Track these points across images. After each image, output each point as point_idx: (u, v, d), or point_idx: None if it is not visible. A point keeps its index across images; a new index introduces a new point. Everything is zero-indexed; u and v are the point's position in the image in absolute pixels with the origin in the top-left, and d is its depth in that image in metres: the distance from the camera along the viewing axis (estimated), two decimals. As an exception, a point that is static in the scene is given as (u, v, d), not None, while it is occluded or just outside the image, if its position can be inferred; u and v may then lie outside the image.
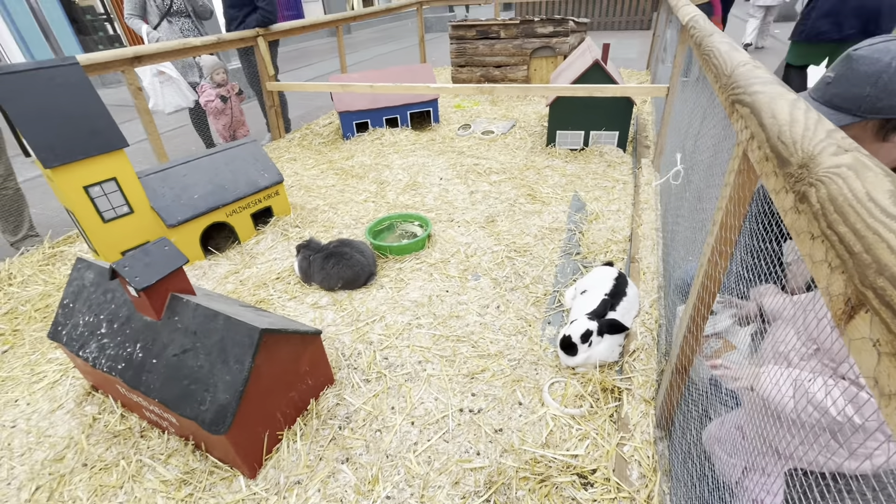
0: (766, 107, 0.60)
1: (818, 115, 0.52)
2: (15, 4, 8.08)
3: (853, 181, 0.37)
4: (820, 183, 0.40)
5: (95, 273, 1.35)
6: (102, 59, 2.44)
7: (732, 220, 0.76)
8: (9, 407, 1.48)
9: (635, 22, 10.34)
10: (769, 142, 0.54)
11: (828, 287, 0.37)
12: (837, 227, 0.35)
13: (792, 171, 0.46)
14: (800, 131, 0.49)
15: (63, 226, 2.90)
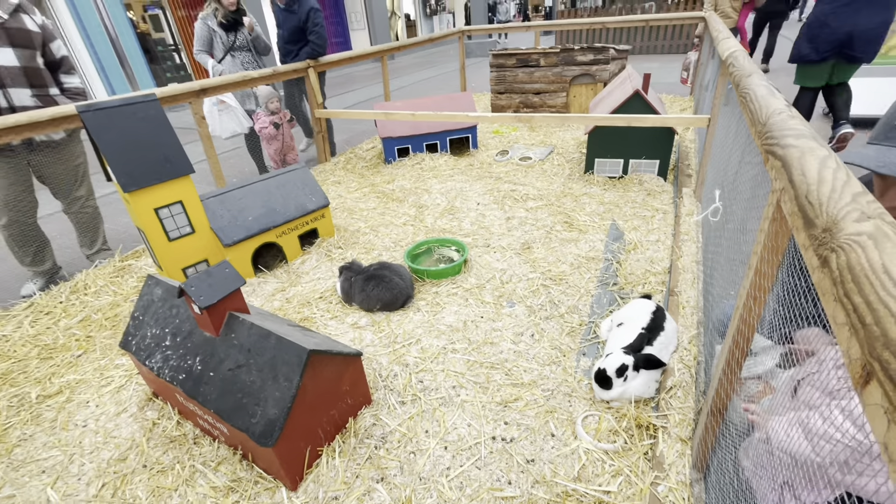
0: (796, 162, 0.62)
1: (847, 175, 0.55)
2: (98, 37, 8.96)
3: (871, 251, 0.40)
4: (840, 249, 0.43)
5: (163, 289, 1.49)
6: (174, 91, 2.70)
7: (767, 268, 0.77)
8: (81, 407, 1.63)
9: (679, 45, 10.22)
10: (797, 200, 0.56)
11: (848, 350, 0.40)
12: (853, 296, 0.38)
13: (816, 233, 0.49)
14: (826, 192, 0.52)
15: (131, 241, 3.16)
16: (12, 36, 2.22)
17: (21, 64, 2.24)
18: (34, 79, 2.31)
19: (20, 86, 2.26)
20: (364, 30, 18.06)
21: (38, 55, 2.33)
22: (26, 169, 2.43)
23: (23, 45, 2.25)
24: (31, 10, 2.35)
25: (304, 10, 3.85)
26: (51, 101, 2.37)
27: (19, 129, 2.09)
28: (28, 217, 2.50)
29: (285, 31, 3.96)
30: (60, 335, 2.03)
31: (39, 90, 2.34)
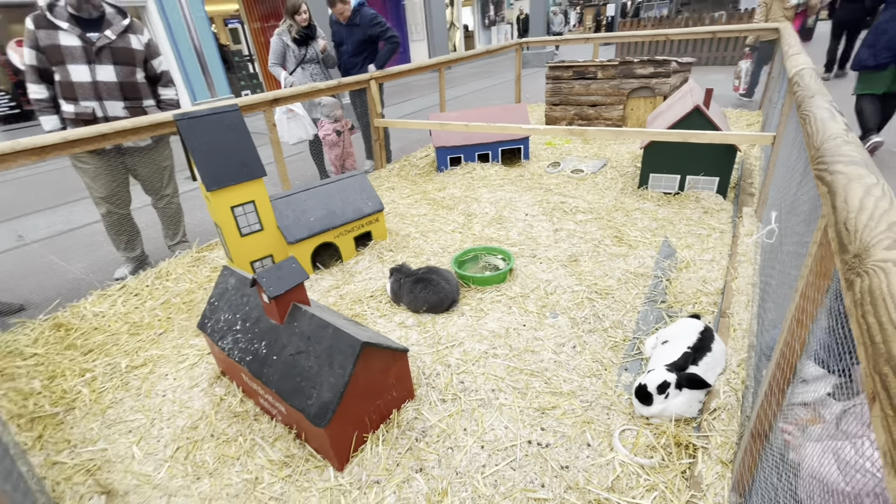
0: (840, 189, 0.64)
1: (891, 203, 0.57)
2: (186, 49, 9.85)
3: (893, 276, 0.43)
4: (865, 274, 0.46)
5: (237, 279, 1.66)
6: (252, 101, 2.97)
7: (812, 292, 0.78)
8: (161, 379, 1.85)
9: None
10: (836, 226, 0.59)
11: (865, 367, 0.43)
12: (868, 317, 0.42)
13: (848, 258, 0.51)
14: (864, 220, 0.54)
15: (206, 235, 3.48)
16: (116, 54, 2.56)
17: (118, 79, 2.58)
18: (129, 92, 2.64)
19: (115, 99, 2.60)
20: (423, 41, 18.55)
21: (137, 71, 2.66)
22: (122, 168, 2.78)
23: (124, 62, 2.59)
24: (140, 31, 2.69)
25: (366, 19, 4.13)
26: (140, 112, 2.70)
27: (111, 136, 2.40)
28: (123, 209, 2.86)
29: (350, 45, 4.23)
30: (146, 315, 2.29)
31: (132, 103, 2.67)
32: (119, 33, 2.56)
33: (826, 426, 0.97)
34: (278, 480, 1.35)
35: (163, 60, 2.76)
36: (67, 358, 2.00)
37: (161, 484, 1.39)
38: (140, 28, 2.69)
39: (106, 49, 2.52)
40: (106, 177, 2.71)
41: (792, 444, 0.85)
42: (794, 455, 0.83)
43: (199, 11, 9.77)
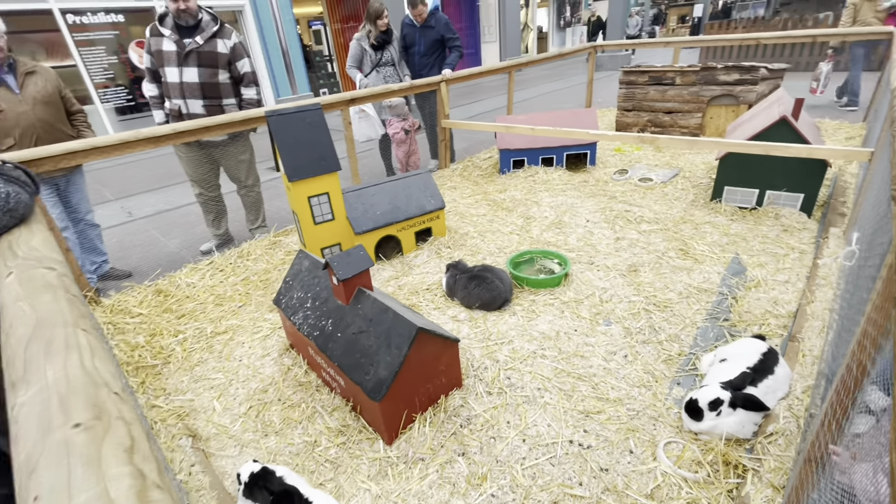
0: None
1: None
2: (274, 50, 10.61)
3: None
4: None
5: (310, 262, 1.84)
6: (330, 100, 3.20)
7: (879, 316, 0.75)
8: (238, 346, 2.08)
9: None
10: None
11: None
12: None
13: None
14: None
15: (283, 221, 3.79)
16: (201, 58, 2.88)
17: (200, 80, 2.90)
18: (208, 92, 2.96)
19: (195, 97, 2.94)
20: (495, 42, 18.54)
21: (220, 72, 2.97)
22: (208, 158, 3.16)
23: (208, 65, 2.91)
24: (227, 35, 3.00)
25: (441, 23, 4.28)
26: (218, 110, 3.02)
27: (193, 133, 2.70)
28: (211, 191, 3.24)
29: (422, 46, 4.39)
30: (228, 289, 2.57)
31: (211, 101, 2.99)
32: (207, 38, 2.89)
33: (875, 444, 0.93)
34: (334, 446, 1.49)
35: (247, 62, 3.05)
36: (165, 320, 2.31)
37: (235, 435, 1.58)
38: (228, 33, 2.99)
39: (193, 53, 2.86)
40: (196, 164, 3.11)
41: (838, 465, 0.82)
42: (841, 477, 0.80)
43: (288, 15, 10.50)
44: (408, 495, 1.32)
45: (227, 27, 3.03)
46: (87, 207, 3.06)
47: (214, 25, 2.94)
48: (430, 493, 1.32)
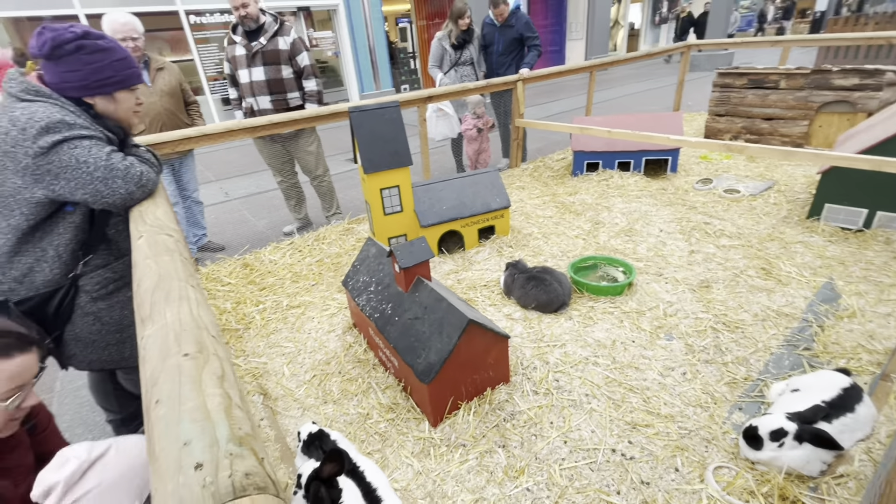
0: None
1: None
2: (362, 46, 11.16)
3: None
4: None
5: (377, 249, 1.97)
6: (409, 97, 3.35)
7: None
8: (308, 321, 2.28)
9: None
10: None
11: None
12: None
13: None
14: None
15: (357, 210, 4.04)
16: (265, 57, 3.15)
17: (266, 78, 3.17)
18: (273, 88, 3.21)
19: (263, 94, 3.22)
20: (581, 39, 17.94)
21: (283, 68, 3.21)
22: (282, 150, 3.47)
23: (271, 62, 3.16)
24: (287, 32, 3.23)
25: (522, 21, 4.29)
26: (283, 104, 3.27)
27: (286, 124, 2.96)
28: (289, 179, 3.59)
29: (501, 45, 4.42)
30: (304, 268, 2.81)
31: (277, 97, 3.25)
32: (269, 38, 3.15)
33: None
34: (384, 420, 1.60)
35: (305, 56, 3.27)
36: (248, 290, 2.59)
37: (299, 399, 1.76)
38: (287, 30, 3.23)
39: (259, 53, 3.13)
40: (272, 156, 3.46)
41: None
42: None
43: (377, 13, 10.99)
44: (447, 476, 1.39)
45: (287, 25, 3.27)
46: (194, 186, 3.49)
47: (275, 25, 3.20)
48: (468, 478, 1.38)
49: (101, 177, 1.39)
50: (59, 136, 1.33)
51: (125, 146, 1.60)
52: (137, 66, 1.55)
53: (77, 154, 1.35)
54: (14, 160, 1.33)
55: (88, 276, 1.54)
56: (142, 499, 0.96)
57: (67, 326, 1.54)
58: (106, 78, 1.44)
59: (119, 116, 1.55)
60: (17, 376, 1.04)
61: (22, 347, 1.07)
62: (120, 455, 0.93)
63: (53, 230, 1.45)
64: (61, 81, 1.41)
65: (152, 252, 0.86)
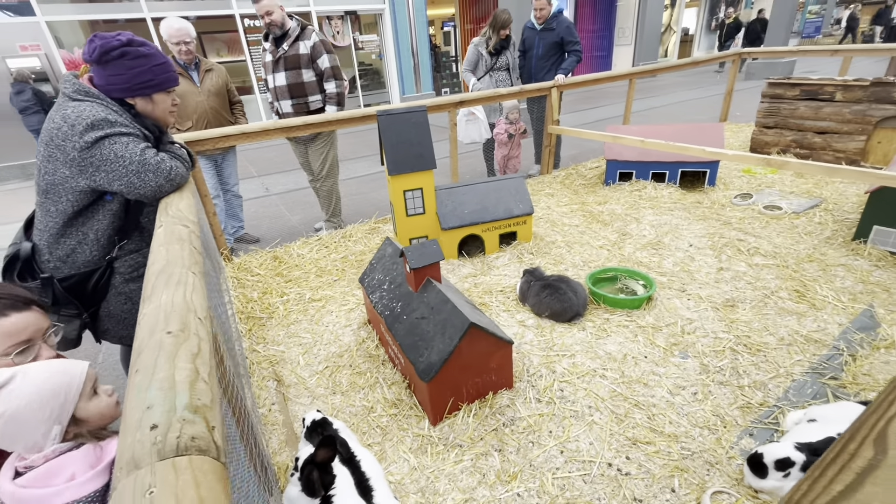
0: None
1: None
2: (405, 50, 11.36)
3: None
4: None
5: (392, 249, 2.03)
6: (440, 102, 3.40)
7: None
8: (327, 314, 2.37)
9: None
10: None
11: None
12: None
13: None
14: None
15: (383, 210, 4.14)
16: (287, 61, 3.25)
17: (287, 83, 3.27)
18: (294, 91, 3.32)
19: (285, 98, 3.33)
20: (630, 45, 17.48)
21: (304, 72, 3.30)
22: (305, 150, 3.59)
23: (292, 67, 3.26)
24: (308, 37, 3.31)
25: (563, 25, 4.25)
26: (304, 107, 3.38)
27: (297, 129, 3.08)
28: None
29: (540, 49, 4.40)
30: (329, 264, 2.92)
31: (298, 100, 3.35)
32: (291, 43, 3.25)
33: None
34: (386, 415, 1.65)
35: (326, 59, 3.33)
36: (275, 282, 2.72)
37: (310, 388, 1.84)
38: (309, 34, 3.32)
39: (281, 59, 3.25)
40: (299, 156, 3.60)
41: None
42: None
43: (422, 17, 11.16)
44: (440, 474, 1.42)
45: (309, 29, 3.34)
46: (235, 180, 3.70)
47: (297, 30, 3.30)
48: (461, 478, 1.40)
49: (135, 170, 1.53)
50: (101, 132, 1.48)
51: (161, 142, 1.74)
52: (174, 71, 1.69)
53: (116, 149, 1.50)
54: (63, 153, 1.49)
55: (122, 260, 1.69)
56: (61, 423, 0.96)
57: (102, 304, 1.69)
58: (146, 81, 1.59)
59: (156, 116, 1.70)
60: (17, 333, 1.15)
61: (17, 307, 1.18)
62: (27, 382, 0.95)
63: (94, 216, 1.61)
64: (107, 84, 1.57)
65: (166, 240, 0.96)
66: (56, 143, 1.49)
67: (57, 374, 0.97)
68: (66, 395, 0.97)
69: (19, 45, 7.44)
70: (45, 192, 1.58)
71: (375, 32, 11.39)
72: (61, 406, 0.96)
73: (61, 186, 1.54)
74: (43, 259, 1.63)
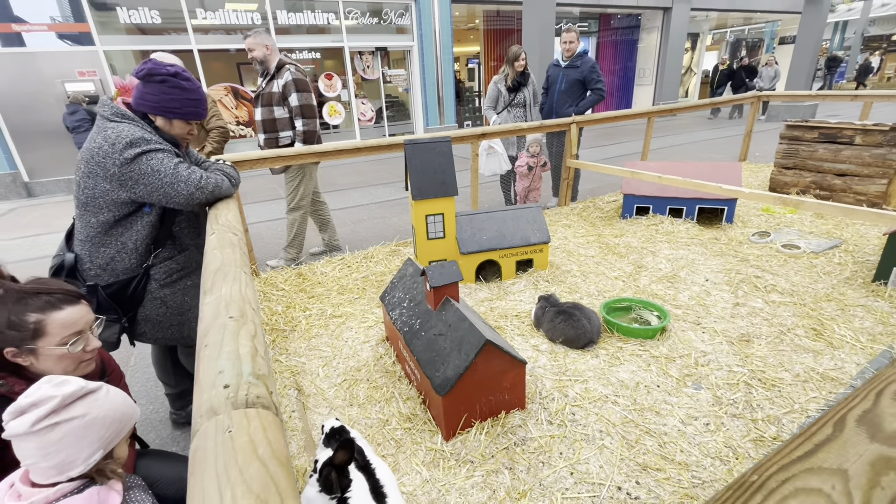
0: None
1: None
2: (430, 84, 11.80)
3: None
4: None
5: (413, 269, 2.13)
6: (463, 134, 3.57)
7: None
8: (347, 330, 2.46)
9: None
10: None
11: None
12: None
13: None
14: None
15: (405, 234, 4.27)
16: (263, 98, 3.49)
17: (262, 118, 3.50)
18: (267, 127, 3.54)
19: (261, 132, 3.56)
20: (650, 85, 17.81)
21: (275, 109, 3.50)
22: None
23: (266, 103, 3.49)
24: (281, 76, 3.51)
25: (588, 64, 4.45)
26: (273, 142, 3.60)
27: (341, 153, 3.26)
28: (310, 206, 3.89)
29: (564, 85, 4.59)
30: (350, 282, 3.02)
31: (269, 135, 3.57)
32: (267, 80, 3.49)
33: None
34: (401, 428, 1.71)
35: (295, 97, 3.51)
36: (298, 297, 2.83)
37: (329, 399, 1.91)
38: (283, 73, 3.52)
39: (260, 95, 3.48)
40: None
41: None
42: None
43: (448, 54, 11.66)
44: (451, 488, 1.46)
45: (285, 67, 3.53)
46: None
47: (275, 68, 3.52)
48: (472, 493, 1.44)
49: (169, 182, 1.72)
50: (139, 149, 1.68)
51: (180, 156, 1.94)
52: (202, 109, 1.94)
53: (153, 164, 1.69)
54: (104, 169, 1.69)
55: (157, 267, 1.86)
56: (105, 449, 1.02)
57: (140, 308, 1.83)
58: (170, 107, 1.82)
59: (172, 134, 1.92)
60: (72, 324, 1.28)
61: (69, 300, 1.31)
62: (108, 399, 1.03)
63: (133, 227, 1.79)
64: (139, 98, 1.79)
65: (219, 245, 1.10)
66: (97, 161, 1.68)
67: (128, 404, 1.08)
68: (124, 425, 1.07)
69: (77, 70, 8.07)
70: (85, 205, 1.77)
71: (403, 67, 11.94)
72: (117, 433, 1.06)
73: (101, 199, 1.73)
74: (84, 267, 1.79)
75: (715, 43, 22.19)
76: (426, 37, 11.17)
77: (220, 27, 9.41)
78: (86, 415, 0.98)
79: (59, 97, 7.94)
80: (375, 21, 11.05)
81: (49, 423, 0.95)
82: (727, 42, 22.11)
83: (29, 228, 6.37)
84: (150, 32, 9.03)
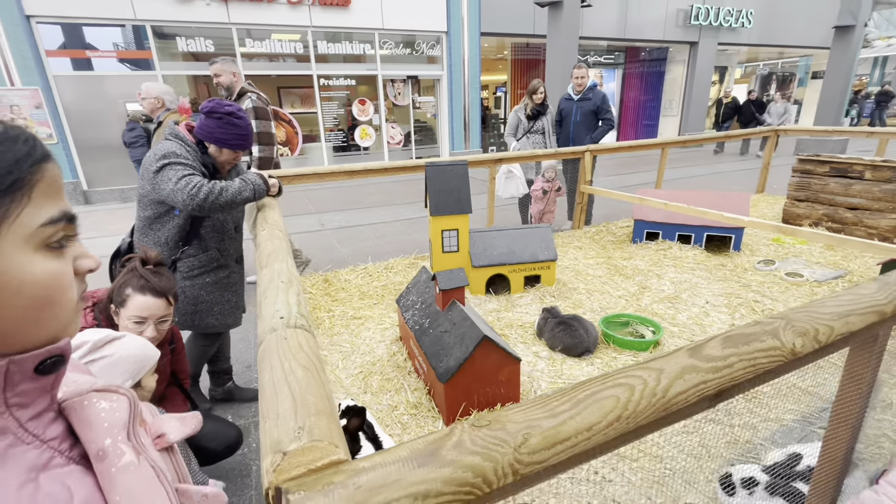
0: None
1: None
2: (457, 111, 12.27)
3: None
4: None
5: (427, 276, 2.38)
6: (481, 158, 3.87)
7: None
8: (365, 330, 2.71)
9: None
10: None
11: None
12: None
13: None
14: None
15: (423, 248, 4.55)
16: None
17: None
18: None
19: None
20: (676, 116, 17.91)
21: None
22: None
23: None
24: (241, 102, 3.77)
25: (599, 96, 4.74)
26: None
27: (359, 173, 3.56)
28: None
29: (578, 116, 4.88)
30: (371, 290, 3.30)
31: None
32: None
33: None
34: (407, 414, 1.93)
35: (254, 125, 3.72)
36: (324, 300, 3.12)
37: (346, 386, 2.15)
38: (244, 101, 3.82)
39: None
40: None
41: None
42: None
43: (476, 83, 12.16)
44: (448, 464, 1.67)
45: (246, 95, 3.80)
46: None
47: (237, 95, 3.83)
48: (465, 469, 1.64)
49: (171, 189, 2.08)
50: (166, 161, 2.10)
51: (215, 176, 2.32)
52: (248, 142, 2.32)
53: (168, 174, 2.11)
54: (147, 173, 2.14)
55: (183, 261, 2.30)
56: (134, 379, 1.34)
57: None
58: (221, 138, 2.25)
59: (219, 161, 2.33)
60: (143, 310, 1.59)
61: (154, 293, 1.63)
62: (130, 342, 1.36)
63: (166, 225, 2.24)
64: (200, 127, 2.24)
65: (270, 237, 1.43)
66: (145, 167, 2.15)
67: (146, 347, 1.41)
68: (144, 363, 1.40)
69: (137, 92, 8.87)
70: (139, 201, 2.24)
71: (433, 94, 12.51)
72: (141, 368, 1.39)
73: (146, 198, 2.18)
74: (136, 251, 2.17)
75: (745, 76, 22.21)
76: (455, 67, 11.73)
77: (263, 54, 10.19)
78: (113, 354, 1.30)
79: (120, 115, 8.78)
80: (408, 52, 11.70)
81: (87, 360, 1.27)
82: (757, 75, 22.09)
83: (86, 232, 6.96)
84: (203, 59, 9.86)
